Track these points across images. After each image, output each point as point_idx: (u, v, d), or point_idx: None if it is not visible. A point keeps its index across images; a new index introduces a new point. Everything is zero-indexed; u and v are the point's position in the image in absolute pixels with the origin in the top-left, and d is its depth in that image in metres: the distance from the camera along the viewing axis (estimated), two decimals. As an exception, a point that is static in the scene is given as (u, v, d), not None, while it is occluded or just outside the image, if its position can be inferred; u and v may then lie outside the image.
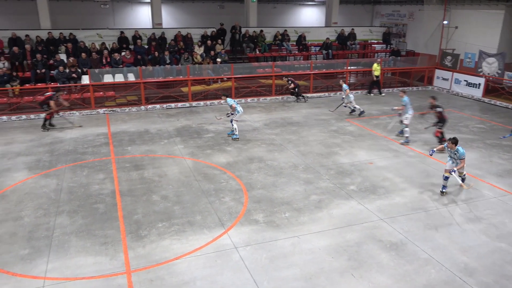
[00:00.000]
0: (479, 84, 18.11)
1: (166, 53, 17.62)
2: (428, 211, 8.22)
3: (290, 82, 17.05)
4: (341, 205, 8.42)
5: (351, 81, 20.14)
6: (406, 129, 12.14)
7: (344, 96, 15.11)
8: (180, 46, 18.82)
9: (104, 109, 15.53)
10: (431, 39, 22.05)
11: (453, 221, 7.84)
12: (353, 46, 22.51)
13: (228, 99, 12.39)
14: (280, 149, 11.51)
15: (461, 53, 20.20)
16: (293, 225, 7.63)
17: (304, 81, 18.55)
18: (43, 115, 13.52)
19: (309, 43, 21.96)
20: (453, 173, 8.59)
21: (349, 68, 19.74)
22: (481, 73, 18.56)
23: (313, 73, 18.48)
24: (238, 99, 16.95)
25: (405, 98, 12.23)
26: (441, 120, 11.52)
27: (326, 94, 18.48)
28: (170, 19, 23.83)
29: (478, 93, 18.10)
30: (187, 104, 16.42)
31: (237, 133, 12.29)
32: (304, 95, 17.54)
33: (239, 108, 12.25)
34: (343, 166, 10.36)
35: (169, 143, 11.98)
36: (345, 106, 15.34)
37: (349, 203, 8.48)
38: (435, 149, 9.16)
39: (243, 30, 20.77)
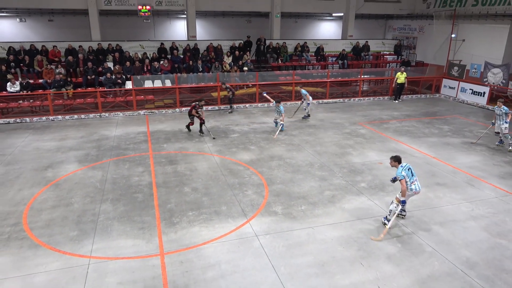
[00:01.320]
0: (484, 93, 17.48)
1: (199, 62, 17.80)
2: (433, 208, 8.00)
3: (229, 90, 15.62)
4: (352, 200, 8.29)
5: (364, 88, 19.82)
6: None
7: (308, 102, 14.34)
8: (212, 56, 18.96)
9: (144, 110, 15.81)
10: (440, 51, 21.45)
11: (456, 218, 7.60)
12: (367, 57, 22.14)
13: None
14: (298, 149, 11.43)
15: (467, 64, 19.55)
16: (308, 217, 7.57)
17: (321, 88, 18.37)
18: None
19: (326, 54, 21.74)
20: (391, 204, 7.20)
21: (362, 76, 19.42)
22: (486, 83, 17.92)
23: (330, 81, 18.27)
24: (261, 104, 16.95)
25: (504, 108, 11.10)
26: None
27: (341, 100, 18.23)
28: (203, 32, 24.05)
29: (482, 101, 17.48)
30: (216, 107, 16.53)
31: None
32: (233, 105, 16.13)
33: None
34: (355, 165, 10.21)
35: (199, 142, 12.08)
36: (305, 109, 14.59)
37: (360, 199, 8.35)
38: None
39: (267, 42, 20.75)
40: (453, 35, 20.12)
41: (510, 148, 11.23)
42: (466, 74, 19.45)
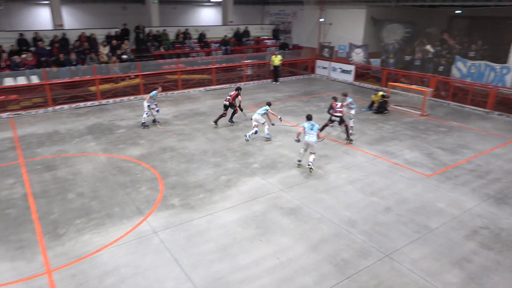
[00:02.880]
0: (351, 71, 19.69)
1: (73, 55, 16.04)
2: (317, 178, 8.79)
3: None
4: (247, 182, 8.60)
5: (248, 72, 20.45)
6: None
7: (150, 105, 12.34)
8: (85, 46, 17.27)
9: (8, 113, 13.70)
10: (312, 34, 23.27)
11: (338, 184, 8.50)
12: (248, 42, 22.83)
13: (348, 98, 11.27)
14: (190, 138, 11.32)
15: (336, 45, 21.68)
16: (207, 205, 7.61)
17: (207, 75, 18.36)
18: None
19: (209, 40, 21.71)
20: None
21: (246, 61, 20.01)
22: (351, 62, 20.16)
23: (215, 68, 18.37)
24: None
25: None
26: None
27: (228, 85, 18.52)
28: (72, 20, 21.65)
29: (350, 78, 19.68)
30: (96, 103, 15.23)
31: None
32: None
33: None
34: (246, 148, 10.56)
35: (81, 142, 11.03)
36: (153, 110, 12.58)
37: (254, 179, 8.70)
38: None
39: (147, 30, 19.75)
40: (321, 20, 22.03)
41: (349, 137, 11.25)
42: (335, 54, 21.58)
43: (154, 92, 12.23)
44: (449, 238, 6.62)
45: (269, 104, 11.44)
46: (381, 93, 14.12)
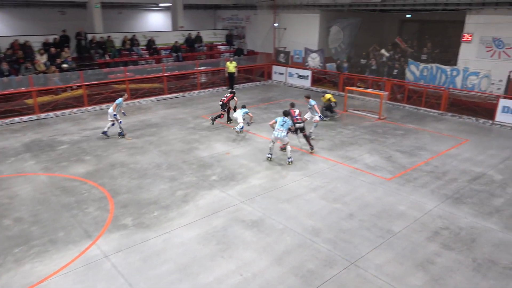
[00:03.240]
0: (307, 76, 20.24)
1: (5, 64, 15.11)
2: (279, 188, 8.88)
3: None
4: (205, 195, 8.50)
5: (202, 80, 20.38)
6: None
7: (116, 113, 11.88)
8: (19, 55, 16.37)
9: None
10: (266, 39, 23.70)
11: (299, 193, 8.64)
12: (201, 48, 22.79)
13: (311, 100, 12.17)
14: (142, 151, 11.03)
15: (291, 50, 22.23)
16: (163, 223, 7.42)
17: (158, 84, 18.06)
18: None
19: (159, 47, 21.41)
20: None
21: (199, 68, 19.94)
22: (308, 67, 20.74)
23: (166, 76, 18.13)
24: (92, 107, 15.62)
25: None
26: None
27: (181, 94, 18.33)
28: (3, 26, 20.50)
29: (307, 83, 20.22)
30: (34, 117, 14.42)
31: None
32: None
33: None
34: (203, 160, 10.47)
35: (17, 161, 10.37)
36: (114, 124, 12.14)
37: (213, 192, 8.62)
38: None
39: (89, 36, 19.11)
40: (275, 24, 22.51)
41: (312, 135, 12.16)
42: (291, 59, 22.11)
43: (120, 99, 11.88)
44: (412, 241, 6.93)
45: (244, 106, 12.88)
46: (328, 95, 14.44)
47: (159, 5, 25.25)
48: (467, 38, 15.57)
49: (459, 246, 6.81)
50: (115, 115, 11.74)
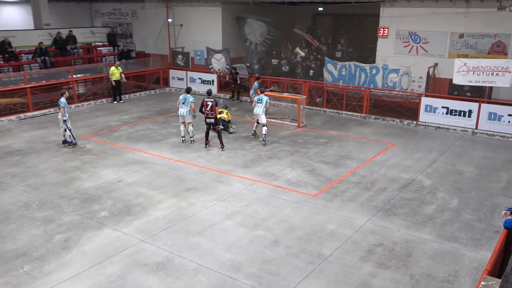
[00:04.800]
0: (213, 81, 20.53)
1: None
2: (188, 218, 8.80)
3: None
4: (93, 237, 8.08)
5: (80, 91, 19.46)
6: None
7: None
8: None
9: None
10: (160, 38, 23.56)
11: (213, 222, 8.65)
12: (75, 50, 21.83)
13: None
14: (1, 188, 10.11)
15: (191, 51, 22.38)
16: (37, 279, 6.85)
17: (19, 98, 16.78)
18: None
19: (17, 50, 20.01)
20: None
21: (75, 76, 19.01)
22: (212, 70, 21.04)
23: (30, 87, 16.94)
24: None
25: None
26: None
27: (52, 110, 17.22)
28: None
29: (213, 89, 20.45)
30: None
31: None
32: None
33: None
34: (88, 192, 9.96)
35: None
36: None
37: (103, 233, 8.23)
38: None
39: None
40: (169, 20, 22.51)
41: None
42: (191, 62, 22.24)
43: (62, 100, 12.55)
44: (345, 264, 7.35)
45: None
46: (223, 110, 14.97)
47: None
48: (383, 33, 17.26)
49: (395, 263, 7.39)
50: (64, 121, 12.54)
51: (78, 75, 19.56)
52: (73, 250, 7.66)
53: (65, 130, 12.81)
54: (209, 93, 13.42)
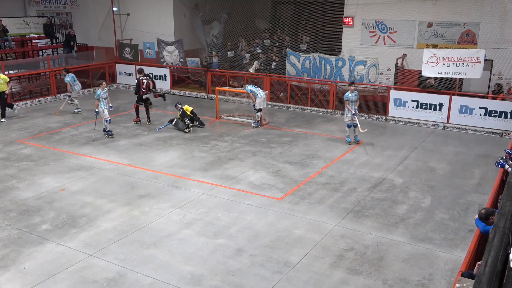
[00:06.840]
0: (165, 76, 20.31)
1: None
2: (142, 228, 8.70)
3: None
4: (34, 253, 7.88)
5: (15, 89, 18.84)
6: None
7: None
8: None
9: None
10: (104, 29, 23.11)
11: (170, 231, 8.58)
12: (7, 43, 21.17)
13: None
14: None
15: (140, 43, 22.06)
16: (-31, 304, 6.60)
17: None
18: None
19: None
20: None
21: (7, 73, 18.38)
22: (164, 64, 20.81)
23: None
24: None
25: None
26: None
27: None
28: None
29: (166, 85, 20.27)
30: None
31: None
32: None
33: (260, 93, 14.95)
34: (26, 203, 9.70)
35: None
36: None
37: (45, 248, 8.05)
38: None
39: None
40: (114, 9, 22.11)
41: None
42: (141, 55, 21.93)
43: (98, 90, 13.92)
44: (315, 271, 7.46)
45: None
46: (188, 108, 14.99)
47: None
48: (349, 22, 17.61)
49: (367, 268, 7.58)
50: (96, 112, 13.75)
51: (11, 71, 18.90)
52: (10, 269, 7.45)
53: (106, 121, 13.89)
54: (140, 71, 15.60)
